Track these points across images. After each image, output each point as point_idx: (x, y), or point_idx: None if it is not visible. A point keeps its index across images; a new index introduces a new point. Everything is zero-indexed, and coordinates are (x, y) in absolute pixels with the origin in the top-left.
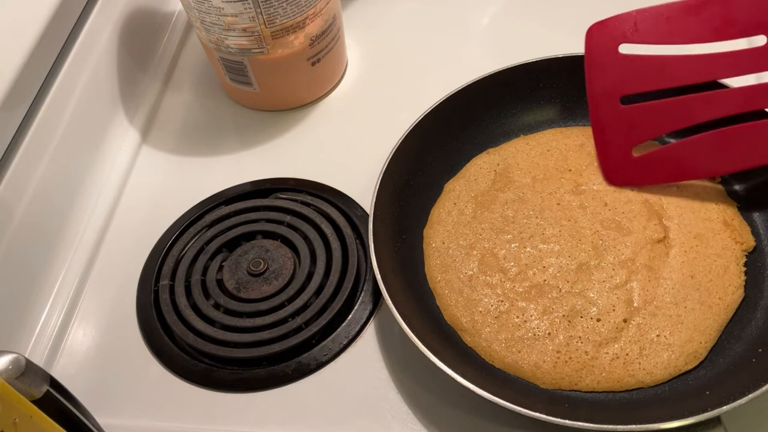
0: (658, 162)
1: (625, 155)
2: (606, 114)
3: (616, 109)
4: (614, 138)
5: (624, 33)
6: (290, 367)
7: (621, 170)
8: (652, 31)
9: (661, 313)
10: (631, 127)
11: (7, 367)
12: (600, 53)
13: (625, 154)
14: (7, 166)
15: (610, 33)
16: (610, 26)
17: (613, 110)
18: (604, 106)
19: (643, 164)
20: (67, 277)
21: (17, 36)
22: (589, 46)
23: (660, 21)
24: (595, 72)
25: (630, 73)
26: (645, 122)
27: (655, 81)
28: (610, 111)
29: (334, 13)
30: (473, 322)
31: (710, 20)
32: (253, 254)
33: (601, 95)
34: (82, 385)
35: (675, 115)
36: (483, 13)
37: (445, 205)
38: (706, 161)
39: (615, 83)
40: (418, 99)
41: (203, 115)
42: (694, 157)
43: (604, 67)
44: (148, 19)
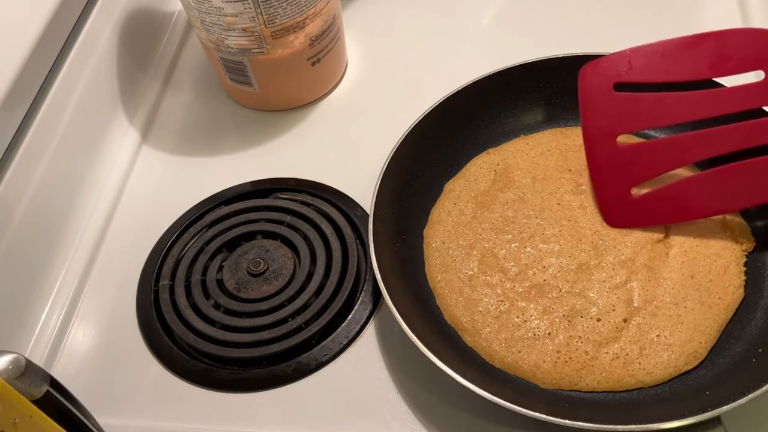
0: (658, 202)
1: (623, 195)
2: (602, 154)
3: (612, 149)
4: (611, 178)
5: (618, 72)
6: (290, 367)
7: (620, 211)
8: (646, 69)
9: (661, 313)
10: (629, 167)
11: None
12: (594, 93)
13: (624, 194)
14: (7, 166)
15: (603, 72)
16: (603, 65)
17: (610, 150)
18: (601, 146)
19: (643, 204)
20: (67, 277)
21: (17, 36)
22: (582, 86)
23: (654, 58)
24: (590, 112)
25: (626, 113)
26: (643, 162)
27: (652, 120)
28: (606, 151)
29: (334, 13)
30: (473, 322)
31: (705, 56)
32: (253, 254)
33: (596, 135)
34: (82, 385)
35: (674, 154)
36: (483, 13)
37: (445, 205)
38: (708, 200)
39: (611, 123)
40: (418, 99)
41: (203, 115)
42: (696, 197)
43: (599, 107)
44: (148, 19)
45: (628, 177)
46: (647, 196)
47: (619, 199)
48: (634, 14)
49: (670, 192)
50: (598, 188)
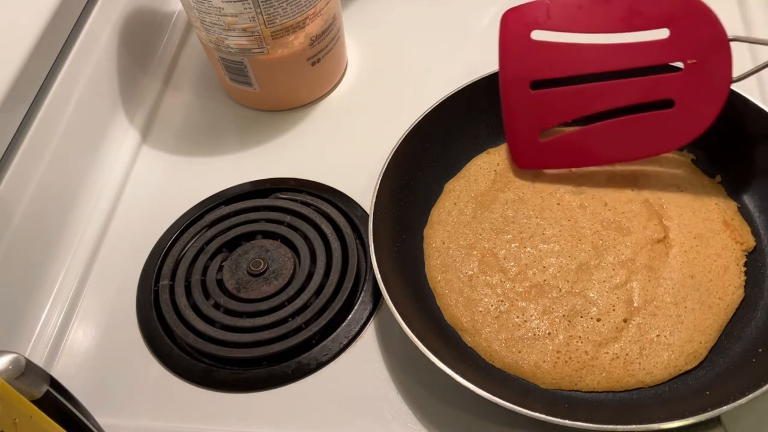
0: (562, 147)
1: (532, 139)
2: (516, 98)
3: (525, 94)
4: (522, 122)
5: (537, 19)
6: (290, 367)
7: (528, 153)
8: (563, 19)
9: (661, 313)
10: (539, 112)
11: (7, 367)
12: (513, 39)
13: (532, 138)
14: (7, 166)
15: (523, 19)
16: (523, 12)
17: (523, 95)
18: (515, 90)
19: (549, 149)
20: (67, 277)
21: (17, 36)
22: (502, 31)
23: (571, 9)
24: (508, 57)
25: (541, 59)
26: (552, 108)
27: (564, 68)
28: (519, 95)
29: (334, 13)
30: (473, 322)
31: (618, 11)
32: (253, 254)
33: (512, 80)
34: (82, 385)
35: (581, 102)
36: (483, 13)
37: (445, 205)
38: (608, 148)
39: (526, 68)
40: (418, 99)
41: (203, 115)
42: (596, 145)
43: (517, 53)
44: (148, 19)
45: (537, 121)
46: (552, 141)
47: (528, 142)
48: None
49: (572, 138)
50: (509, 131)
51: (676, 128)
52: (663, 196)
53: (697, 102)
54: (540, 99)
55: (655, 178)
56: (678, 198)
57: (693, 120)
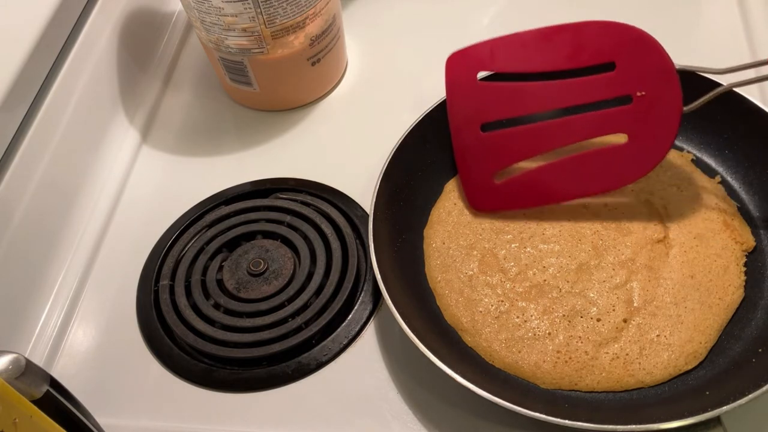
0: (518, 188)
1: (486, 181)
2: (467, 141)
3: (476, 136)
4: (475, 164)
5: (482, 61)
6: (290, 367)
7: (483, 196)
8: (508, 59)
9: (661, 313)
10: (492, 153)
11: (7, 367)
12: (459, 81)
13: (487, 180)
14: (7, 166)
15: (468, 61)
16: (468, 55)
17: (474, 137)
18: (465, 132)
19: (505, 190)
20: (67, 277)
21: (17, 36)
22: (448, 74)
23: (515, 48)
24: (456, 99)
25: (488, 101)
26: (505, 149)
27: (513, 108)
28: (470, 138)
29: (334, 13)
30: (473, 322)
31: (562, 47)
32: (253, 254)
33: (461, 122)
34: (82, 385)
35: (533, 142)
36: (483, 13)
37: (445, 206)
38: (563, 186)
39: (475, 111)
40: (418, 99)
41: (203, 115)
42: (552, 183)
43: (464, 95)
44: (148, 19)
45: (491, 163)
46: (507, 182)
47: (483, 184)
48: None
49: (527, 178)
50: (463, 173)
51: (631, 162)
52: (663, 197)
53: (650, 134)
54: (491, 141)
55: (655, 178)
56: (678, 198)
57: (647, 152)
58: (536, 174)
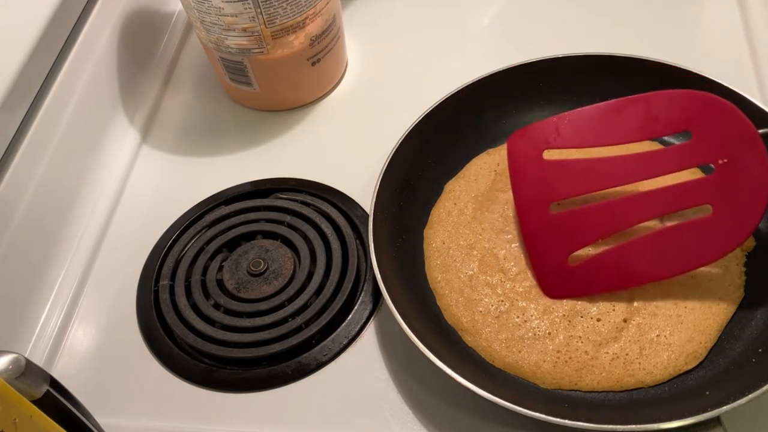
0: (594, 271)
1: (560, 265)
2: (536, 224)
3: (546, 218)
4: (547, 248)
5: (546, 139)
6: (290, 367)
7: (558, 282)
8: (575, 135)
9: (661, 312)
10: (564, 235)
11: (7, 367)
12: (524, 161)
13: (560, 263)
14: (7, 166)
15: (532, 140)
16: (531, 133)
17: (543, 219)
18: (534, 215)
19: (580, 274)
20: (67, 277)
21: (17, 36)
22: (511, 153)
23: (582, 124)
24: (521, 180)
25: (557, 180)
26: (578, 229)
27: (583, 186)
28: (539, 220)
29: (334, 13)
30: (473, 321)
31: (633, 119)
32: (253, 254)
33: (529, 204)
34: (82, 385)
35: (610, 220)
36: (483, 13)
37: (445, 206)
38: (645, 266)
39: (542, 191)
40: (418, 99)
41: (203, 115)
42: (633, 263)
43: (530, 175)
44: (148, 19)
45: (564, 246)
46: (584, 265)
47: (556, 269)
48: (633, 14)
49: (606, 260)
50: (534, 258)
51: (717, 235)
52: None
53: (736, 203)
54: (563, 221)
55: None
56: None
57: (735, 223)
58: (615, 254)
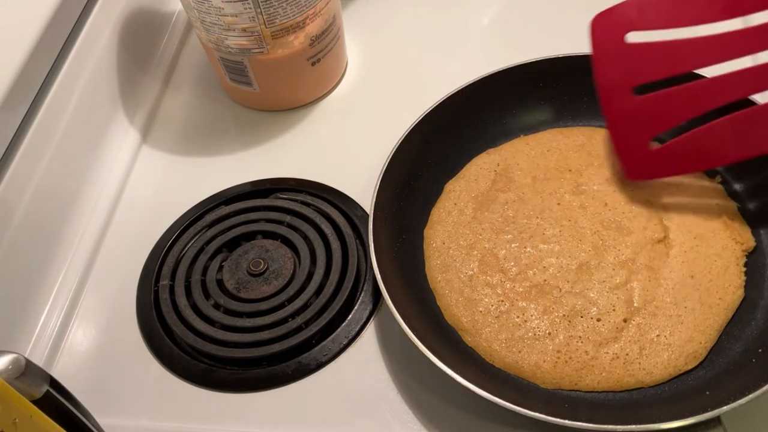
0: (679, 152)
1: (643, 148)
2: (619, 107)
3: (629, 101)
4: (630, 131)
5: (630, 20)
6: (290, 367)
7: (641, 164)
8: (658, 16)
9: (661, 313)
10: (647, 118)
11: (7, 367)
12: (607, 44)
13: (643, 147)
14: (7, 166)
15: (615, 22)
16: (614, 15)
17: (626, 102)
18: (617, 98)
19: (663, 156)
20: (67, 277)
21: (17, 36)
22: (594, 37)
23: (665, 4)
24: (604, 64)
25: (640, 62)
26: (661, 112)
27: (667, 68)
28: (623, 104)
29: (334, 13)
30: (474, 322)
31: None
32: (253, 254)
33: (612, 88)
34: (82, 385)
35: (692, 102)
36: (483, 13)
37: (445, 206)
38: (727, 146)
39: (625, 74)
40: (418, 99)
41: (203, 115)
42: (715, 144)
43: (613, 58)
44: (148, 19)
45: (647, 128)
46: (666, 147)
47: (639, 152)
48: None
49: (688, 141)
50: (617, 142)
51: None
52: (663, 196)
53: None
54: (646, 104)
55: None
56: (678, 198)
57: None
58: (698, 136)
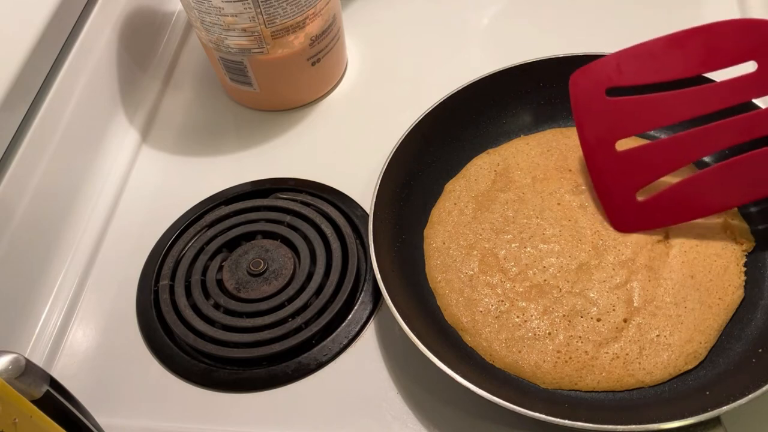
0: (664, 204)
1: (628, 200)
2: (603, 161)
3: (612, 155)
4: (615, 185)
5: (609, 76)
6: (290, 367)
7: (627, 216)
8: (637, 71)
9: (661, 313)
10: (631, 171)
11: (7, 367)
12: (587, 100)
13: (629, 199)
14: (7, 166)
15: (594, 78)
16: (592, 72)
17: (610, 157)
18: (600, 153)
19: (649, 208)
20: (67, 277)
21: (17, 36)
22: (574, 94)
23: (644, 59)
24: (586, 120)
25: (621, 118)
26: (645, 165)
27: (648, 122)
28: (606, 158)
29: (334, 13)
30: (474, 321)
31: (695, 52)
32: (253, 254)
33: (594, 143)
34: (82, 385)
35: (675, 154)
36: (483, 13)
37: (445, 206)
38: (714, 196)
39: (607, 129)
40: (418, 99)
41: (203, 115)
42: (701, 194)
43: (594, 114)
44: (148, 19)
45: (632, 182)
46: (653, 199)
47: (625, 205)
48: (633, 13)
49: (675, 193)
50: (602, 196)
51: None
52: None
53: None
54: (630, 158)
55: None
56: None
57: None
58: (684, 187)
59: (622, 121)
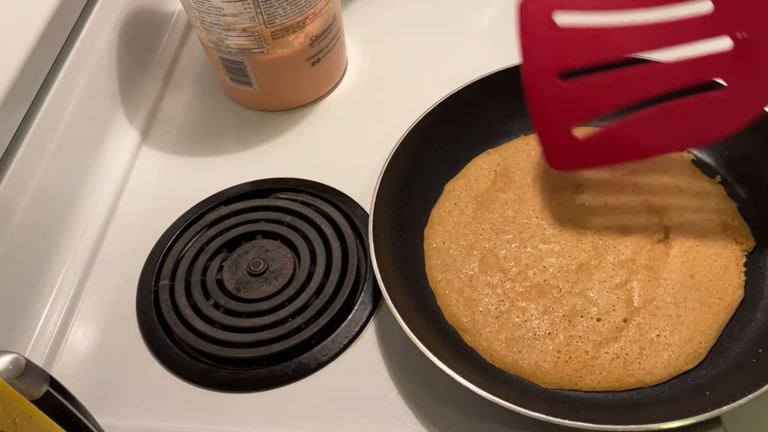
0: (602, 143)
1: (566, 137)
2: (544, 92)
3: (554, 86)
4: (554, 118)
5: (559, 1)
6: (290, 367)
7: (563, 153)
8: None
9: (661, 313)
10: (572, 104)
11: (7, 367)
12: (534, 25)
13: (566, 135)
14: (7, 166)
15: (543, 1)
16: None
17: (551, 87)
18: (541, 83)
19: (587, 146)
20: (67, 277)
21: (17, 36)
22: (521, 17)
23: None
24: (530, 45)
25: (568, 46)
26: (586, 100)
27: (595, 53)
28: (547, 88)
29: (334, 13)
30: (474, 321)
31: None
32: (253, 254)
33: (537, 70)
34: (82, 385)
35: (618, 92)
36: (483, 13)
37: (445, 206)
38: (653, 140)
39: (552, 57)
40: (418, 99)
41: (203, 115)
42: (640, 137)
43: (540, 40)
44: (148, 19)
45: (571, 116)
46: (592, 138)
47: (562, 141)
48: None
49: (613, 133)
50: (539, 127)
51: (728, 111)
52: (663, 197)
53: (750, 80)
54: (571, 90)
55: (655, 178)
56: (678, 198)
57: (747, 101)
58: (623, 127)
59: (569, 49)
